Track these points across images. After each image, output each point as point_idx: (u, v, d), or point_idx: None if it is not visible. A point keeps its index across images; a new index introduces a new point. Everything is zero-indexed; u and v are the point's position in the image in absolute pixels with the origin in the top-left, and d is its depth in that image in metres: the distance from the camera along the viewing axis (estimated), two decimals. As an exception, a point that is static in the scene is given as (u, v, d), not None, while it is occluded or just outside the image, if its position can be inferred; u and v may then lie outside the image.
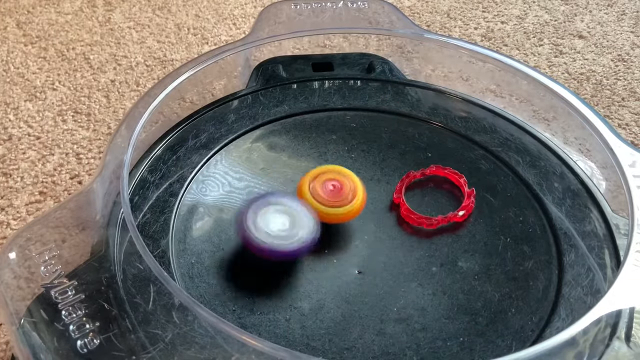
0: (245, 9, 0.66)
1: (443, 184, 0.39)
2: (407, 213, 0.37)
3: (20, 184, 0.46)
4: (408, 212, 0.37)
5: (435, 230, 0.36)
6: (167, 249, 0.34)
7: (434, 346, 0.31)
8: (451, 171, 0.39)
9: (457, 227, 0.37)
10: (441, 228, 0.36)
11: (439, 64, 0.50)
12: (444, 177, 0.39)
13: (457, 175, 0.39)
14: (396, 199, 0.38)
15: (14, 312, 0.28)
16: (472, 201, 0.37)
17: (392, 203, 0.38)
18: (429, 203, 0.38)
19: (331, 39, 0.58)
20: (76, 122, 0.51)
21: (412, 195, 0.38)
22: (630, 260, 0.30)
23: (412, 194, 0.38)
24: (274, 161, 0.40)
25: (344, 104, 0.44)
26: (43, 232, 0.31)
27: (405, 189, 0.38)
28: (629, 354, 0.29)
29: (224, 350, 0.28)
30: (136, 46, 0.60)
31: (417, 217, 0.36)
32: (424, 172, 0.39)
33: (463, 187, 0.38)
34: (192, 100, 0.47)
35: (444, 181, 0.39)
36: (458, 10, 0.66)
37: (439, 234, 0.36)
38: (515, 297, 0.33)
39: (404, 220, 0.37)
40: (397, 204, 0.38)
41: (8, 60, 0.58)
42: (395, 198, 0.38)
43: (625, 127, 0.52)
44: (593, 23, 0.64)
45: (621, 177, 0.35)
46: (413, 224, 0.37)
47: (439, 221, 0.36)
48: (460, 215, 0.37)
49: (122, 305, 0.29)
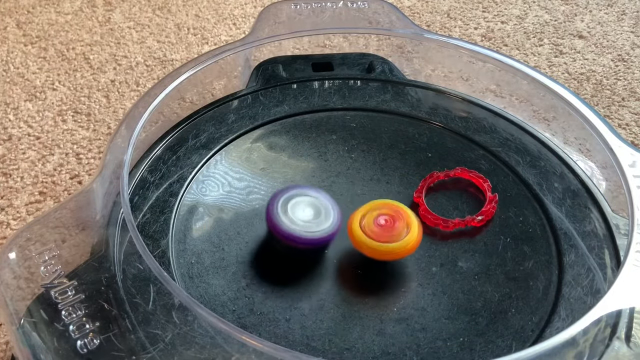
0: (245, 9, 0.66)
1: (467, 186, 0.39)
2: (425, 213, 0.36)
3: (20, 184, 0.46)
4: (426, 212, 0.36)
5: (452, 233, 0.36)
6: (167, 249, 0.34)
7: (434, 346, 0.31)
8: (476, 174, 0.38)
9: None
10: (457, 231, 0.36)
11: (439, 64, 0.50)
12: (468, 180, 0.39)
13: (482, 179, 0.38)
14: (416, 198, 0.37)
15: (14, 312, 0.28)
16: (493, 206, 0.37)
17: (412, 202, 0.38)
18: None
19: (331, 39, 0.58)
20: (76, 122, 0.51)
21: (433, 197, 0.38)
22: (630, 260, 0.30)
23: (434, 195, 0.38)
24: (274, 161, 0.40)
25: (344, 104, 0.44)
26: (43, 232, 0.31)
27: (426, 190, 0.38)
28: (629, 354, 0.29)
29: (224, 350, 0.28)
30: (136, 46, 0.60)
31: (433, 218, 0.36)
32: (447, 174, 0.39)
33: (486, 191, 0.38)
34: (192, 100, 0.47)
35: (468, 184, 0.39)
36: (458, 10, 0.66)
37: (439, 234, 0.36)
38: (515, 297, 0.33)
39: (421, 220, 0.36)
40: (417, 203, 0.37)
41: (8, 60, 0.58)
42: (416, 197, 0.38)
43: (625, 127, 0.52)
44: (593, 23, 0.64)
45: (621, 177, 0.35)
46: (429, 225, 0.36)
47: (455, 224, 0.36)
48: (478, 220, 0.36)
49: (122, 305, 0.29)
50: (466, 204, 0.38)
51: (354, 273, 0.34)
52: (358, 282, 0.34)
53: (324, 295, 0.33)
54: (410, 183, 0.39)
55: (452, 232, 0.36)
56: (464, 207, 0.38)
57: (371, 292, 0.33)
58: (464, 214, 0.37)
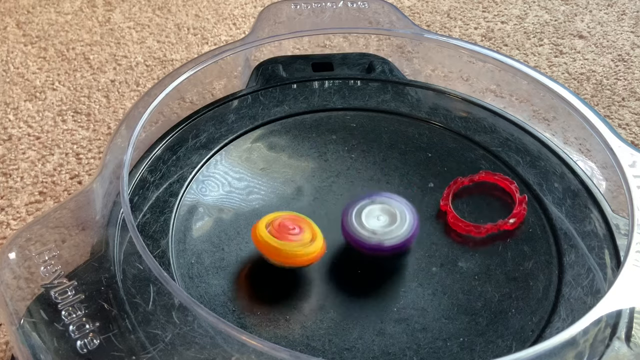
0: (245, 9, 0.66)
1: (492, 190, 0.38)
2: (454, 221, 0.36)
3: (20, 184, 0.46)
4: (455, 220, 0.36)
5: (484, 239, 0.36)
6: (167, 249, 0.34)
7: (434, 346, 0.31)
8: (501, 177, 0.38)
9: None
10: (491, 236, 0.36)
11: (439, 64, 0.50)
12: (494, 184, 0.38)
13: (508, 181, 0.38)
14: (443, 206, 0.37)
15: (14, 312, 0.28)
16: (524, 208, 0.36)
17: (438, 211, 0.37)
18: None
19: (331, 39, 0.58)
20: (76, 122, 0.51)
21: (456, 203, 0.37)
22: (630, 260, 0.30)
23: (458, 202, 0.37)
24: (274, 161, 0.40)
25: (344, 104, 0.44)
26: (43, 232, 0.31)
27: (452, 196, 0.37)
28: (629, 354, 0.29)
29: (224, 351, 0.28)
30: (136, 46, 0.60)
31: (464, 225, 0.36)
32: (472, 179, 0.38)
33: (514, 193, 0.37)
34: (192, 100, 0.47)
35: (493, 187, 0.38)
36: (458, 10, 0.66)
37: (471, 241, 0.36)
38: (515, 297, 0.33)
39: (452, 229, 0.36)
40: (445, 211, 0.37)
41: (8, 60, 0.57)
42: (442, 205, 0.37)
43: (625, 127, 0.52)
44: (593, 23, 0.64)
45: (621, 177, 0.35)
46: (461, 232, 0.36)
47: (487, 229, 0.35)
48: (511, 223, 0.36)
49: (122, 306, 0.29)
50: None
51: (353, 273, 0.34)
52: (358, 282, 0.34)
53: (324, 295, 0.33)
54: (410, 183, 0.39)
55: (484, 237, 0.36)
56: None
57: (371, 292, 0.33)
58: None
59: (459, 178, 0.38)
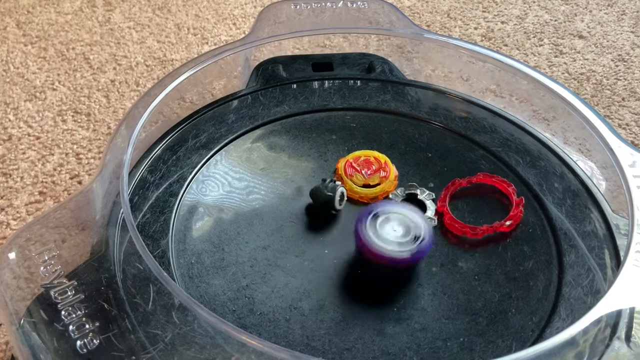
0: (245, 9, 0.66)
1: (490, 192, 0.38)
2: (451, 222, 0.36)
3: (20, 184, 0.46)
4: (452, 221, 0.36)
5: (480, 240, 0.36)
6: (167, 249, 0.34)
7: (434, 346, 0.31)
8: (499, 179, 0.38)
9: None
10: (487, 238, 0.36)
11: (439, 64, 0.50)
12: (492, 186, 0.38)
13: (506, 183, 0.38)
14: (440, 207, 0.37)
15: (14, 312, 0.28)
16: (521, 210, 0.36)
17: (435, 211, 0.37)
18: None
19: (331, 39, 0.58)
20: (76, 122, 0.51)
21: (455, 205, 0.37)
22: (630, 260, 0.30)
23: (456, 203, 0.37)
24: (274, 161, 0.40)
25: (344, 104, 0.44)
26: (43, 232, 0.31)
27: (450, 197, 0.37)
28: (629, 354, 0.29)
29: (224, 350, 0.28)
30: (136, 46, 0.60)
31: (460, 227, 0.36)
32: (470, 180, 0.38)
33: (512, 195, 0.37)
34: (192, 100, 0.47)
35: (491, 189, 0.38)
36: (458, 10, 0.66)
37: (467, 242, 0.36)
38: (515, 297, 0.33)
39: (448, 230, 0.36)
40: (441, 212, 0.37)
41: (8, 60, 0.58)
42: (439, 207, 0.37)
43: (625, 127, 0.52)
44: (593, 23, 0.64)
45: (621, 177, 0.35)
46: (457, 233, 0.36)
47: (484, 231, 0.35)
48: (507, 225, 0.36)
49: (122, 306, 0.29)
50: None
51: (354, 273, 0.34)
52: (358, 282, 0.34)
53: (324, 295, 0.33)
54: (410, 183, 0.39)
55: (480, 239, 0.36)
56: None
57: (371, 292, 0.33)
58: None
59: (456, 180, 0.38)
